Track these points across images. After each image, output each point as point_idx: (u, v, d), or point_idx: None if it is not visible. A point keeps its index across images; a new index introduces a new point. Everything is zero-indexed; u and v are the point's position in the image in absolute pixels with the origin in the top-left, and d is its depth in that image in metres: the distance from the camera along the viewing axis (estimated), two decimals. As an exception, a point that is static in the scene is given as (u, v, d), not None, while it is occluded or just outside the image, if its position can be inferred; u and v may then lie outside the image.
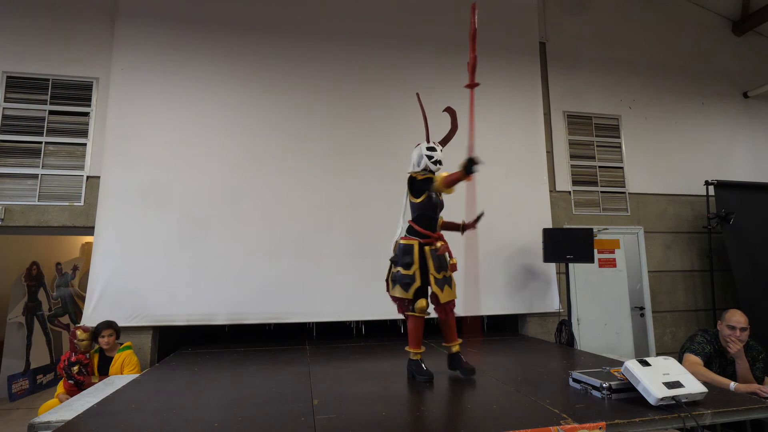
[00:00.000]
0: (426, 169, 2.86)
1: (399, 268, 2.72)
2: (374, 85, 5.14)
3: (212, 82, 4.76)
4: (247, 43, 4.90)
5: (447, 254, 2.80)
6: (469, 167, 2.40)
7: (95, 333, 3.74)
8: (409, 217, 2.86)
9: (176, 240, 4.38)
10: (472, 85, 2.65)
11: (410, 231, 2.81)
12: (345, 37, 5.16)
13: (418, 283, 2.70)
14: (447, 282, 2.75)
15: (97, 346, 3.76)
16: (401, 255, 2.74)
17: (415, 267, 2.70)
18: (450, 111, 3.10)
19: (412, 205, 2.82)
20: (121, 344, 3.82)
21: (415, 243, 2.74)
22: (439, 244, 2.77)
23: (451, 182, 2.58)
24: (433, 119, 3.10)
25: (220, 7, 4.91)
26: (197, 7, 4.86)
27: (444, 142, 3.04)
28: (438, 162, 2.87)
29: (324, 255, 4.65)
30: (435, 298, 2.76)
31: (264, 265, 4.51)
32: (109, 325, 3.76)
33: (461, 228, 2.99)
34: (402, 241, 2.79)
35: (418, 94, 3.05)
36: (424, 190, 2.79)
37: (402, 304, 2.81)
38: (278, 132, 4.82)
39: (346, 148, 4.93)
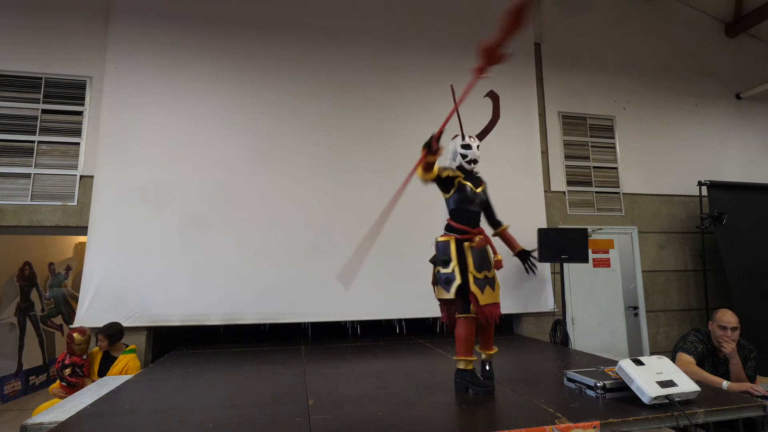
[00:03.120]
0: (460, 167, 2.69)
1: (439, 268, 2.54)
2: (373, 84, 5.14)
3: (207, 81, 4.73)
4: (243, 42, 4.88)
5: (489, 249, 2.58)
6: (426, 144, 2.31)
7: (96, 335, 3.73)
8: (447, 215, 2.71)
9: (171, 240, 4.36)
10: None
11: (447, 228, 2.64)
12: (344, 37, 5.15)
13: (458, 280, 2.45)
14: (489, 283, 2.49)
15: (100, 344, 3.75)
16: (440, 253, 2.56)
17: (454, 264, 2.49)
18: (492, 96, 2.82)
19: (446, 201, 2.68)
20: (127, 346, 3.81)
21: (451, 239, 2.55)
22: (477, 238, 2.55)
23: (417, 167, 2.43)
24: (441, 116, 2.98)
25: (215, 5, 4.89)
26: (192, 5, 4.84)
27: (482, 134, 2.81)
28: (473, 161, 2.68)
29: (320, 255, 4.64)
30: (474, 299, 2.46)
31: (259, 265, 4.50)
32: (102, 330, 3.73)
33: (517, 252, 2.80)
34: (439, 239, 2.60)
35: (452, 87, 2.76)
36: (450, 185, 2.66)
37: (446, 308, 2.60)
38: (275, 132, 4.80)
39: (344, 148, 4.92)
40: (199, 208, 4.48)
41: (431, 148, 2.31)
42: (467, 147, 2.68)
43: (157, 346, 4.37)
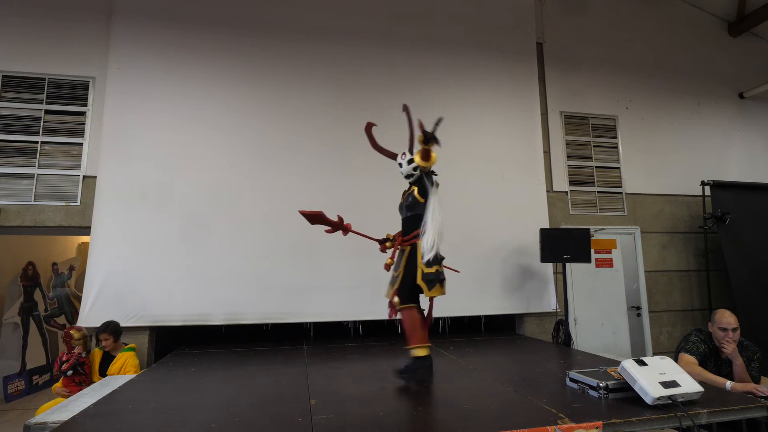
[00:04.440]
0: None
1: None
2: (373, 84, 5.13)
3: (209, 82, 4.74)
4: (245, 42, 4.88)
5: (405, 252, 2.88)
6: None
7: (97, 335, 3.74)
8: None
9: (173, 240, 4.37)
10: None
11: None
12: (344, 36, 5.15)
13: None
14: (391, 281, 2.93)
15: (100, 345, 3.76)
16: None
17: None
18: (405, 109, 3.04)
19: None
20: (126, 344, 3.82)
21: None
22: (389, 244, 3.01)
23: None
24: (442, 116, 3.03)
25: (217, 6, 4.90)
26: (194, 6, 4.84)
27: (410, 148, 3.05)
28: (408, 176, 2.99)
29: (322, 255, 4.64)
30: None
31: (261, 265, 4.50)
32: (105, 328, 3.74)
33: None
34: None
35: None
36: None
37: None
38: (276, 131, 4.81)
39: (345, 147, 4.92)
40: (202, 207, 4.49)
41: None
42: (400, 166, 3.02)
43: (160, 346, 4.38)
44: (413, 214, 2.87)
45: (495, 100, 5.44)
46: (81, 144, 4.49)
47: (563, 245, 4.69)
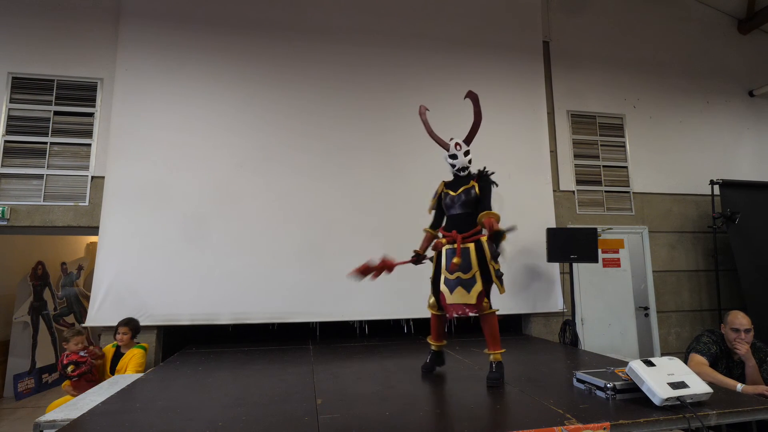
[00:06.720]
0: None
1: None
2: (378, 84, 5.14)
3: (216, 82, 4.77)
4: (251, 43, 4.91)
5: (471, 252, 2.67)
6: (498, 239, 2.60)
7: (116, 327, 3.80)
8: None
9: (180, 240, 4.40)
10: None
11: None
12: (350, 36, 5.16)
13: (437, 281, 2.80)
14: (461, 284, 2.63)
15: (114, 342, 3.82)
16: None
17: (434, 267, 2.81)
18: (472, 96, 2.89)
19: None
20: (138, 343, 3.86)
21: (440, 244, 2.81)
22: (443, 241, 2.80)
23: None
24: (445, 116, 3.07)
25: (223, 7, 4.92)
26: (201, 7, 4.88)
27: (469, 138, 2.92)
28: (462, 169, 2.86)
29: (328, 254, 4.65)
30: (442, 298, 2.74)
31: (267, 264, 4.52)
32: (126, 323, 3.82)
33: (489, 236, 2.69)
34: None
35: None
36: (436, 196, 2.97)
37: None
38: (282, 131, 4.83)
39: (350, 147, 4.93)
40: (208, 207, 4.52)
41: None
42: (453, 157, 2.85)
43: (167, 345, 4.42)
44: (471, 211, 2.79)
45: (501, 99, 5.42)
46: (89, 145, 4.53)
47: (570, 245, 4.66)
